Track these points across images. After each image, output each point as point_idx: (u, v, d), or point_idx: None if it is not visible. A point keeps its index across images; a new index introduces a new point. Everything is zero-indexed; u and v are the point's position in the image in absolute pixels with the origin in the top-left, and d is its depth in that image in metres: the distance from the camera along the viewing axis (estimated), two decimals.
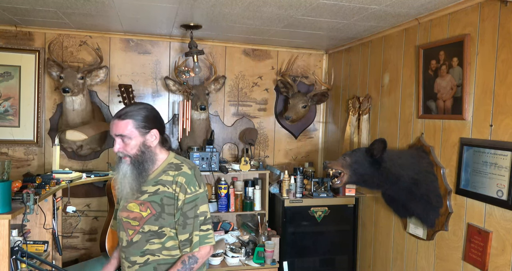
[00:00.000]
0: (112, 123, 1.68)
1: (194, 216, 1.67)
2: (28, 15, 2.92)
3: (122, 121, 1.66)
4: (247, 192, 3.49)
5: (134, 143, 1.67)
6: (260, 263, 3.20)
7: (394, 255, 2.88)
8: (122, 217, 1.73)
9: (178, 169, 1.71)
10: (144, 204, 1.68)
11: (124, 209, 1.74)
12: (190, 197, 1.67)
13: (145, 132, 1.68)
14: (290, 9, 2.54)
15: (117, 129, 1.66)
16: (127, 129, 1.65)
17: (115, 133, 1.66)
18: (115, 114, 1.70)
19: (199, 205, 1.69)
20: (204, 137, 3.55)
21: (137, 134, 1.67)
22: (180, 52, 3.62)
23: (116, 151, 1.68)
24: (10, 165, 2.15)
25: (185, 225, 1.67)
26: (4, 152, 3.36)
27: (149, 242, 1.68)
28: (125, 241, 1.72)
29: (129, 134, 1.66)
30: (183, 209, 1.66)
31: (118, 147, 1.67)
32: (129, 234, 1.71)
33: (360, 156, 2.41)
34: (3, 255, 2.01)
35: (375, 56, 3.15)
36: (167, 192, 1.68)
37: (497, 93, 2.02)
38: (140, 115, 1.68)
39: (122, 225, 1.74)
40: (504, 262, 1.97)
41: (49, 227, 2.70)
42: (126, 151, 1.67)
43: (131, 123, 1.66)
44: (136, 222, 1.69)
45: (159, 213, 1.67)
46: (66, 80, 3.08)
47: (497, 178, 2.01)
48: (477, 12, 2.15)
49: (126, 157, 1.68)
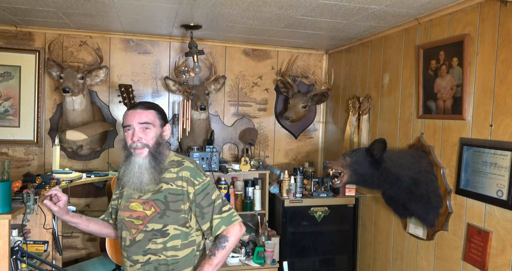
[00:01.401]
0: (133, 112, 1.69)
1: (209, 203, 1.69)
2: (28, 15, 2.92)
3: (147, 111, 1.69)
4: (247, 192, 3.49)
5: (154, 132, 1.69)
6: (260, 263, 3.20)
7: (394, 255, 2.88)
8: (124, 217, 1.73)
9: (179, 164, 1.72)
10: (148, 203, 1.69)
11: (126, 209, 1.74)
12: (199, 187, 1.69)
13: (163, 125, 1.74)
14: (290, 9, 2.54)
15: (140, 117, 1.67)
16: (152, 117, 1.69)
17: (139, 121, 1.67)
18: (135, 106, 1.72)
19: (211, 192, 1.71)
20: (204, 136, 3.55)
21: (158, 125, 1.71)
22: (180, 52, 3.62)
23: (136, 140, 1.66)
24: (10, 165, 2.15)
25: (202, 215, 1.69)
26: (4, 152, 3.36)
27: (151, 241, 1.67)
28: (128, 240, 1.72)
29: (153, 122, 1.69)
30: (196, 200, 1.68)
31: (140, 136, 1.66)
32: (132, 233, 1.71)
33: (360, 156, 2.41)
34: (3, 255, 2.01)
35: (375, 56, 3.15)
36: (171, 189, 1.68)
37: (497, 93, 2.02)
38: (160, 108, 1.77)
39: (125, 224, 1.73)
40: (504, 262, 1.97)
41: (49, 227, 2.69)
42: (147, 140, 1.67)
43: (154, 113, 1.71)
44: (140, 221, 1.69)
45: (163, 210, 1.66)
46: (66, 80, 3.08)
47: (497, 178, 2.01)
48: (477, 12, 2.15)
49: (144, 148, 1.67)
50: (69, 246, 3.49)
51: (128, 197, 1.76)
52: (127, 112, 1.72)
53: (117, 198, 1.88)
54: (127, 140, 1.69)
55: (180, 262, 1.70)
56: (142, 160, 1.67)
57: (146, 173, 1.66)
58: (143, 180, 1.66)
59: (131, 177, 1.68)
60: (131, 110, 1.70)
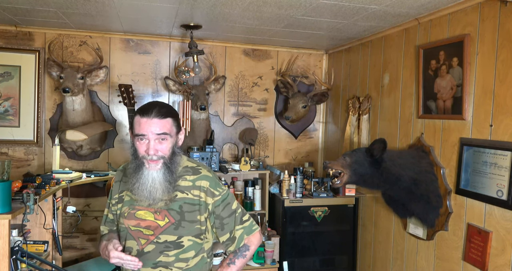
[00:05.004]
0: (147, 121, 1.48)
1: (230, 214, 1.63)
2: (28, 15, 2.92)
3: (164, 120, 1.50)
4: (247, 192, 3.49)
5: (171, 143, 1.53)
6: (260, 263, 3.20)
7: (394, 255, 2.88)
8: (130, 226, 1.58)
9: (196, 172, 1.61)
10: (161, 212, 1.55)
11: (131, 216, 1.59)
12: (219, 198, 1.60)
13: (178, 132, 1.58)
14: (290, 9, 2.54)
15: (157, 127, 1.48)
16: (169, 127, 1.51)
17: (156, 132, 1.48)
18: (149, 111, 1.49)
19: (231, 202, 1.65)
20: (204, 136, 3.56)
21: (174, 133, 1.55)
22: (180, 52, 3.62)
23: (152, 153, 1.48)
24: (10, 165, 2.15)
25: (222, 226, 1.62)
26: (4, 152, 3.36)
27: (163, 253, 1.55)
28: (136, 251, 1.58)
29: (171, 132, 1.52)
30: (216, 212, 1.60)
31: (157, 148, 1.49)
32: (141, 243, 1.56)
33: (360, 156, 2.41)
34: (3, 255, 2.01)
35: (375, 56, 3.15)
36: (187, 198, 1.57)
37: (497, 94, 2.02)
38: (175, 113, 1.57)
39: (131, 234, 1.59)
40: (504, 262, 1.97)
41: (49, 227, 2.70)
42: (164, 152, 1.51)
43: (171, 122, 1.53)
44: (151, 231, 1.55)
45: (178, 221, 1.54)
46: (66, 80, 3.08)
47: (497, 178, 2.01)
48: (477, 12, 2.15)
49: (159, 160, 1.51)
50: (69, 246, 3.49)
51: (132, 203, 1.61)
52: (140, 120, 1.50)
53: (116, 203, 1.69)
54: (139, 150, 1.51)
55: None
56: (157, 173, 1.51)
57: (160, 187, 1.51)
58: (156, 195, 1.52)
59: (142, 190, 1.52)
60: (145, 118, 1.49)
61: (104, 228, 1.76)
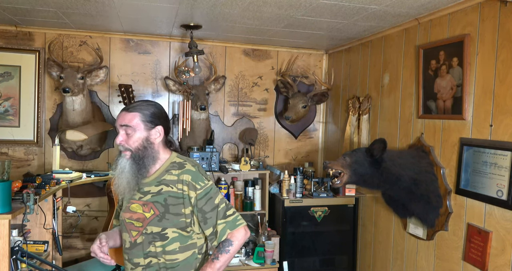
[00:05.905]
0: (119, 115, 1.69)
1: (212, 208, 1.66)
2: (28, 15, 2.92)
3: (129, 113, 1.66)
4: (247, 192, 3.49)
5: (137, 135, 1.65)
6: (260, 263, 3.20)
7: (394, 255, 2.88)
8: (125, 218, 1.71)
9: (181, 167, 1.69)
10: (147, 205, 1.66)
11: (127, 210, 1.71)
12: (201, 192, 1.65)
13: (150, 127, 1.68)
14: (290, 9, 2.54)
15: (123, 120, 1.65)
16: (134, 121, 1.65)
17: (120, 123, 1.65)
18: (124, 107, 1.72)
19: (214, 197, 1.67)
20: (204, 136, 3.56)
21: (142, 128, 1.66)
22: (180, 52, 3.62)
23: (118, 143, 1.66)
24: (10, 165, 2.15)
25: (205, 220, 1.66)
26: (4, 152, 3.36)
27: (151, 244, 1.65)
28: (128, 243, 1.70)
29: (134, 126, 1.65)
30: (198, 205, 1.65)
31: (121, 139, 1.65)
32: (133, 235, 1.68)
33: (360, 156, 2.41)
34: (3, 255, 2.01)
35: (375, 56, 3.15)
36: (172, 192, 1.65)
37: (497, 94, 2.02)
38: (148, 110, 1.69)
39: (125, 226, 1.71)
40: (504, 262, 1.97)
41: (49, 227, 2.70)
42: (128, 143, 1.65)
43: (138, 116, 1.66)
44: (140, 223, 1.66)
45: (162, 213, 1.64)
46: (66, 80, 3.08)
47: (497, 178, 2.01)
48: (477, 12, 2.15)
49: (127, 151, 1.66)
50: (69, 246, 3.49)
51: (129, 197, 1.73)
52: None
53: (121, 199, 1.84)
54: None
55: (180, 265, 1.67)
56: (125, 161, 1.66)
57: (125, 174, 1.65)
58: (122, 181, 1.66)
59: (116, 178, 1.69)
60: (120, 112, 1.70)
61: (115, 221, 1.94)
